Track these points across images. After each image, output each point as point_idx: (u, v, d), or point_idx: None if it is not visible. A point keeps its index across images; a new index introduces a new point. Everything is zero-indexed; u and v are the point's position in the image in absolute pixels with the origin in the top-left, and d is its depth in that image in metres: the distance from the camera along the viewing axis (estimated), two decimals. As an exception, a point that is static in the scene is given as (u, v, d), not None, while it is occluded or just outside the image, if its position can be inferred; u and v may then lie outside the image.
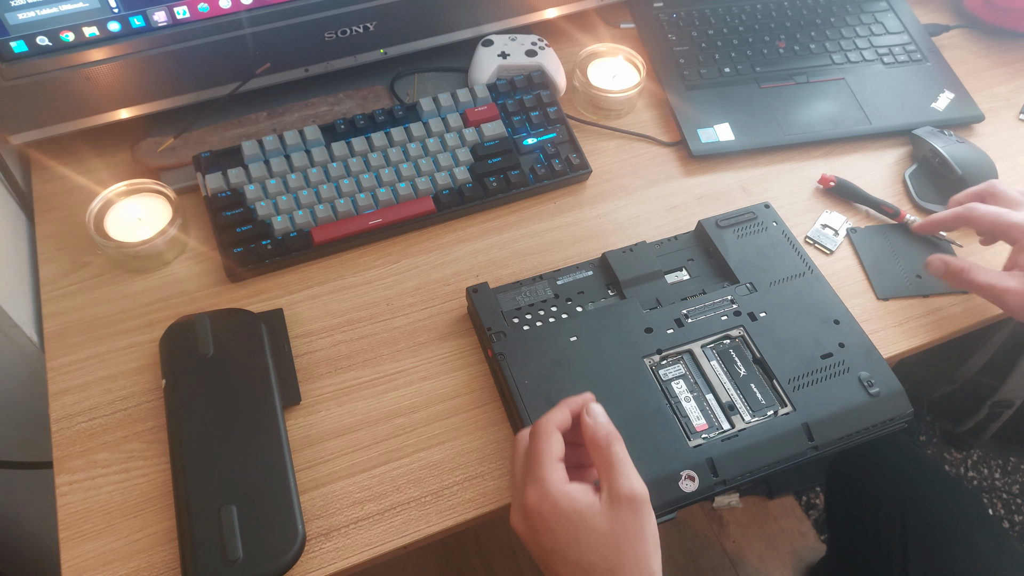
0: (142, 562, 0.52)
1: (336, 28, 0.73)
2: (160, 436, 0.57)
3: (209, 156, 0.69)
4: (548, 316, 0.62)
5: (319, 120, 0.76)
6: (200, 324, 0.60)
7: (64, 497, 0.55)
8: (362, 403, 0.60)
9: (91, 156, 0.74)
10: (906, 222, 0.72)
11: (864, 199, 0.73)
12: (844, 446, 0.57)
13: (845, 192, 0.74)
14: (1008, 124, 0.83)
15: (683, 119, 0.79)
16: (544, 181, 0.72)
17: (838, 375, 0.59)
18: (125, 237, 0.65)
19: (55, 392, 0.59)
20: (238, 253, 0.65)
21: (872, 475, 0.83)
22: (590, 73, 0.80)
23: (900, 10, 0.90)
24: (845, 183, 0.74)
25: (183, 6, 0.66)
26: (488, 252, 0.70)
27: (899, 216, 0.72)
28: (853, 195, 0.74)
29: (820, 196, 0.75)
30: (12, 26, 0.62)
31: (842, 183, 0.74)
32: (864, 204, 0.74)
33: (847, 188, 0.74)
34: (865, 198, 0.73)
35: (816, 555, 1.24)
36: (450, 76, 0.82)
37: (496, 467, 0.57)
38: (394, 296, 0.66)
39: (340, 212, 0.68)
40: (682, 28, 0.86)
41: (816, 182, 0.76)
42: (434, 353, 0.63)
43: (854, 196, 0.74)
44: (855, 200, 0.74)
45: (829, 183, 0.74)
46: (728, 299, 0.63)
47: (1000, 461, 1.39)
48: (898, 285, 0.68)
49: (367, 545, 0.54)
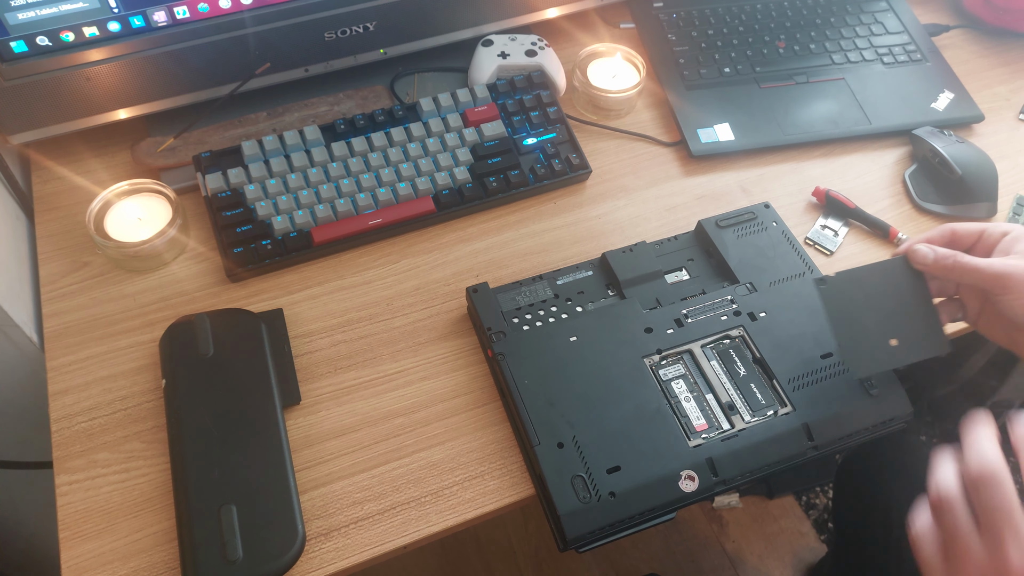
0: (142, 562, 0.52)
1: (336, 28, 0.73)
2: (160, 436, 0.57)
3: (209, 156, 0.69)
4: (548, 316, 0.62)
5: (319, 120, 0.76)
6: (200, 324, 0.60)
7: (64, 497, 0.55)
8: (362, 403, 0.60)
9: (91, 156, 0.74)
10: (897, 240, 0.71)
11: (854, 215, 0.72)
12: (844, 446, 0.57)
13: (835, 208, 0.73)
14: (1008, 124, 0.83)
15: (683, 119, 0.79)
16: (544, 181, 0.72)
17: (838, 375, 0.59)
18: (125, 237, 0.65)
19: (55, 392, 0.60)
20: (238, 253, 0.65)
21: (881, 475, 0.82)
22: (590, 73, 0.80)
23: (900, 10, 0.90)
24: (835, 201, 0.72)
25: (183, 6, 0.66)
26: (488, 252, 0.70)
27: (890, 234, 0.71)
28: (842, 212, 0.73)
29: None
30: (12, 26, 0.62)
31: (831, 201, 0.73)
32: (855, 219, 0.73)
33: (836, 206, 0.73)
34: (854, 214, 0.72)
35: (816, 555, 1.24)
36: (450, 76, 0.82)
37: (496, 467, 0.57)
38: (394, 296, 0.66)
39: (340, 212, 0.68)
40: (682, 28, 0.86)
41: (816, 182, 0.75)
42: (434, 353, 0.63)
43: (843, 212, 0.73)
44: (845, 216, 0.73)
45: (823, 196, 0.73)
46: (728, 299, 0.63)
47: (1000, 461, 1.39)
48: (877, 356, 0.55)
49: (367, 545, 0.54)
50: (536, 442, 0.55)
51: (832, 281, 0.55)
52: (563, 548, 0.52)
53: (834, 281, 0.55)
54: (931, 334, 0.55)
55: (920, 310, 0.55)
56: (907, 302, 0.55)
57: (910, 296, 0.55)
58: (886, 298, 0.55)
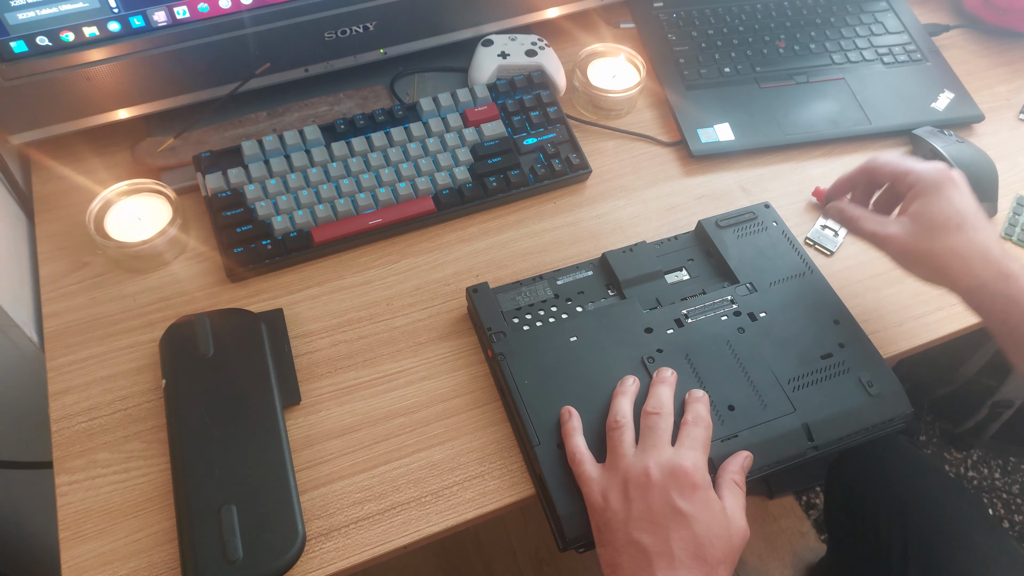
0: (142, 562, 0.52)
1: (336, 28, 0.73)
2: (160, 436, 0.57)
3: (209, 156, 0.69)
4: (548, 316, 0.62)
5: (319, 120, 0.76)
6: (200, 324, 0.60)
7: (64, 497, 0.55)
8: (362, 403, 0.60)
9: (91, 156, 0.74)
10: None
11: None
12: (844, 446, 0.57)
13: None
14: (1008, 124, 0.83)
15: (683, 119, 0.79)
16: (544, 181, 0.72)
17: (838, 375, 0.59)
18: (125, 237, 0.65)
19: (55, 392, 0.60)
20: (238, 253, 0.65)
21: (871, 476, 0.82)
22: (590, 73, 0.80)
23: (900, 10, 0.90)
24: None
25: (183, 6, 0.66)
26: (488, 252, 0.70)
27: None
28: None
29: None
30: (12, 26, 0.62)
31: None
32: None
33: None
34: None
35: (816, 555, 1.24)
36: (450, 76, 0.82)
37: (496, 467, 0.57)
38: (394, 296, 0.66)
39: (340, 212, 0.68)
40: (682, 28, 0.86)
41: (816, 182, 0.75)
42: (434, 353, 0.63)
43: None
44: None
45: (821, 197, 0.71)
46: (728, 299, 0.63)
47: (1000, 461, 1.39)
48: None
49: (367, 545, 0.54)
50: (536, 442, 0.55)
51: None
52: (563, 548, 0.52)
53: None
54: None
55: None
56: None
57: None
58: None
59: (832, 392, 0.58)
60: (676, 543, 0.47)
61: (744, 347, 0.60)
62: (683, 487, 0.49)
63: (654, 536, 0.47)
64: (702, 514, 0.48)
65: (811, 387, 0.58)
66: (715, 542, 0.48)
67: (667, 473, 0.49)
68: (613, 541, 0.49)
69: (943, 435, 1.40)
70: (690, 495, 0.49)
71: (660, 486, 0.49)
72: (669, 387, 0.56)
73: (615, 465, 0.51)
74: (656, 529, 0.47)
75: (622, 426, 0.53)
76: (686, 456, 0.50)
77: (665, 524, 0.48)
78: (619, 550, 0.48)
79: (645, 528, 0.48)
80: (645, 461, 0.50)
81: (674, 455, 0.50)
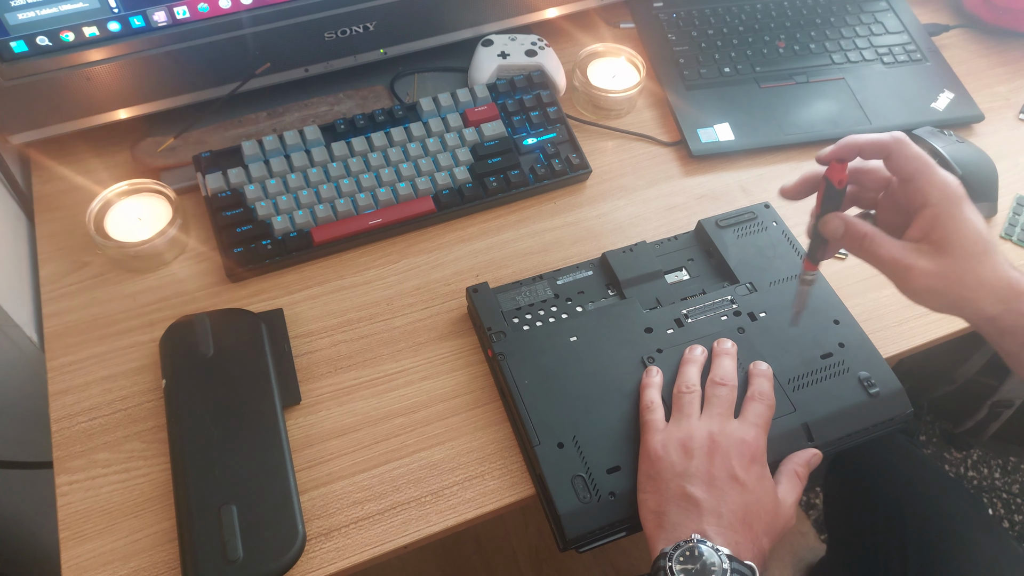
0: (142, 562, 0.52)
1: (336, 28, 0.73)
2: (160, 436, 0.57)
3: (209, 156, 0.69)
4: (548, 316, 0.62)
5: (319, 120, 0.76)
6: (200, 324, 0.60)
7: (64, 497, 0.55)
8: (362, 403, 0.60)
9: (91, 156, 0.74)
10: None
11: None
12: (844, 446, 0.57)
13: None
14: (1008, 124, 0.83)
15: (683, 119, 0.79)
16: (544, 181, 0.72)
17: (838, 375, 0.59)
18: (125, 237, 0.65)
19: (55, 392, 0.60)
20: (238, 253, 0.65)
21: (871, 475, 0.82)
22: (590, 73, 0.80)
23: (900, 10, 0.90)
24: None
25: (183, 6, 0.66)
26: (488, 252, 0.70)
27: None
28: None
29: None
30: (12, 26, 0.62)
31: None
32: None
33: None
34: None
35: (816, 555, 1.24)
36: (450, 76, 0.82)
37: (496, 467, 0.57)
38: (394, 296, 0.66)
39: (340, 212, 0.68)
40: (682, 28, 0.86)
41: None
42: (434, 353, 0.63)
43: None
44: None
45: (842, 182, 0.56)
46: (728, 299, 0.63)
47: (1000, 461, 1.39)
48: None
49: (367, 545, 0.54)
50: (536, 442, 0.55)
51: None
52: (563, 548, 0.52)
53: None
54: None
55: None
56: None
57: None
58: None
59: (832, 392, 0.58)
60: (727, 505, 0.49)
61: (744, 347, 0.60)
62: (743, 458, 0.51)
63: (708, 494, 0.49)
64: (756, 487, 0.51)
65: (811, 387, 0.58)
66: (762, 515, 0.50)
67: (731, 442, 0.52)
68: (664, 490, 0.51)
69: (943, 435, 1.40)
70: (748, 467, 0.51)
71: (723, 451, 0.51)
72: (732, 359, 0.58)
73: (681, 423, 0.54)
74: (711, 489, 0.50)
75: (693, 391, 0.56)
76: (749, 431, 0.53)
77: (720, 487, 0.50)
78: (669, 499, 0.50)
79: (700, 485, 0.50)
80: (711, 426, 0.53)
81: (739, 427, 0.53)
